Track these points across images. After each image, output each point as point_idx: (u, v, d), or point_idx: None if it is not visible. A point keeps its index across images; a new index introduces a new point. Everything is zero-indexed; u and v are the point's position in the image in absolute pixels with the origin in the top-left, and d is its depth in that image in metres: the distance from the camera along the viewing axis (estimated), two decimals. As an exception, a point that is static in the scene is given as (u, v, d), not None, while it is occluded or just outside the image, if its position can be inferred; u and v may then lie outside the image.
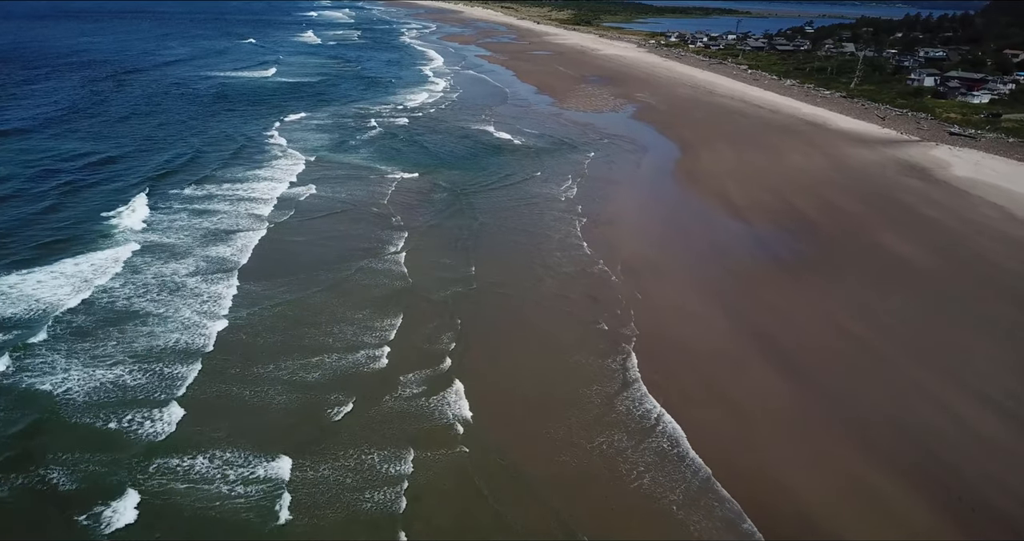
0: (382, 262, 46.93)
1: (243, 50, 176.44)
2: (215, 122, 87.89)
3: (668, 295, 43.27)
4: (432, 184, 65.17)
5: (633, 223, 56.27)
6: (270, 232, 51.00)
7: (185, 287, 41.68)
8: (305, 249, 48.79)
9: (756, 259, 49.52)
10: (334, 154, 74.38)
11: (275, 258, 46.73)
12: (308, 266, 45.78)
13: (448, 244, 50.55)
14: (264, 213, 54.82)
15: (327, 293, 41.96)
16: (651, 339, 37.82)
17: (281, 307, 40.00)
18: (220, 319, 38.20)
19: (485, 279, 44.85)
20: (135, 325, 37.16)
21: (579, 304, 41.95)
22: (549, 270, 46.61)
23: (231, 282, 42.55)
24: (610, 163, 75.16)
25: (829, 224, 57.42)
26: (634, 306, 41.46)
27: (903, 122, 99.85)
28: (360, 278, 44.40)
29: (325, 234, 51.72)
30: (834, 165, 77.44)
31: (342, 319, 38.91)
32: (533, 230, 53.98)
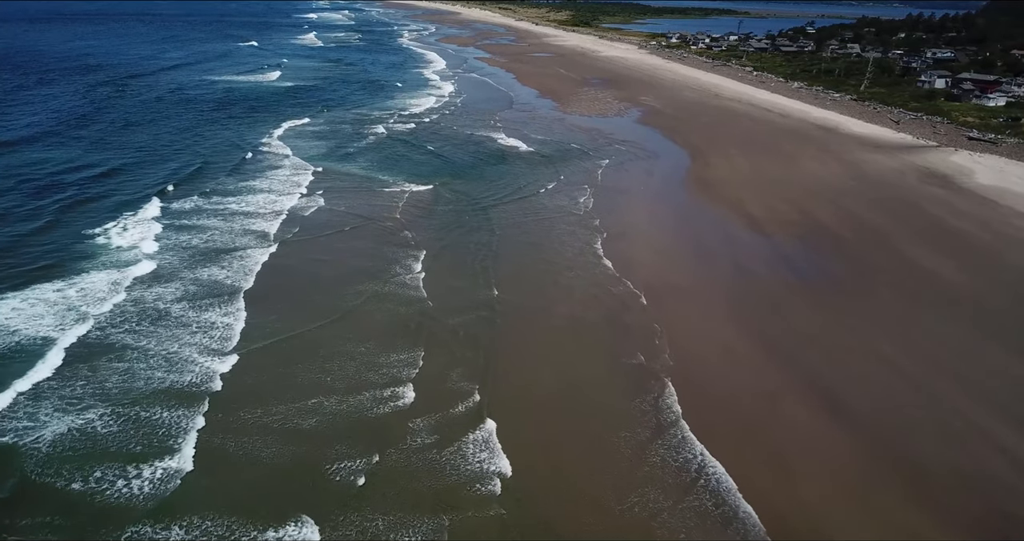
0: (397, 286, 43.77)
1: (245, 53, 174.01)
2: (217, 130, 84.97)
3: (699, 323, 40.28)
4: (443, 196, 62.20)
5: (652, 238, 53.38)
6: (275, 253, 47.91)
7: (182, 319, 38.49)
8: (313, 271, 45.65)
9: (783, 279, 46.68)
10: (340, 164, 71.35)
11: (281, 283, 43.60)
12: (317, 292, 42.68)
13: (465, 265, 47.48)
14: (269, 230, 51.76)
15: (340, 324, 38.81)
16: (687, 375, 34.87)
17: (290, 342, 36.86)
18: (223, 358, 34.95)
19: (508, 304, 41.85)
20: (126, 365, 33.93)
21: (610, 333, 38.99)
22: (574, 293, 43.61)
23: (234, 312, 39.36)
24: (622, 172, 72.33)
25: (854, 238, 54.60)
26: (665, 334, 38.56)
27: (918, 126, 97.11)
28: (374, 306, 41.17)
29: (334, 254, 48.68)
30: (851, 172, 74.68)
31: (358, 355, 35.67)
32: (553, 247, 51.01)
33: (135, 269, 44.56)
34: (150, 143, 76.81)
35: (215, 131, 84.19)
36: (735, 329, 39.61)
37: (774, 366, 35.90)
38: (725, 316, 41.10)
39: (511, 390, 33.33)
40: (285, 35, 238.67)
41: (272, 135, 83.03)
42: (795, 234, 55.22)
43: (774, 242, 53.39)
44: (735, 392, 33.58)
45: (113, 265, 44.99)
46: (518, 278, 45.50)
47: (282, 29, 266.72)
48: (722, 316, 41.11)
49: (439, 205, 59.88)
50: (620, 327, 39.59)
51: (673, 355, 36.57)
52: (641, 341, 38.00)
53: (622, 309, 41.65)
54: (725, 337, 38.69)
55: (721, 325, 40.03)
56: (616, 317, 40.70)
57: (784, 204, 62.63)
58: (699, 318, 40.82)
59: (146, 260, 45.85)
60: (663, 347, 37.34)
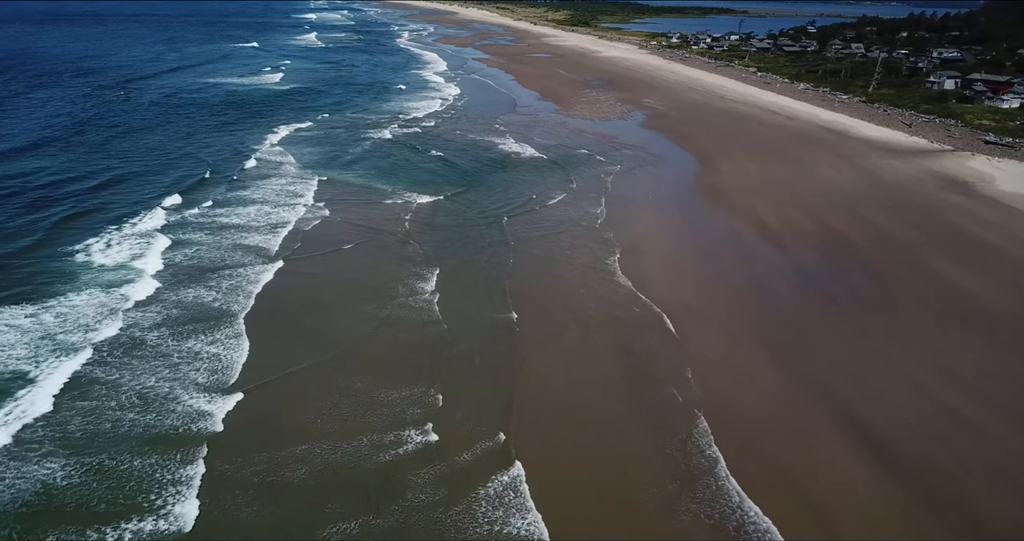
0: (409, 310, 40.69)
1: (245, 55, 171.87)
2: (217, 136, 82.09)
3: (724, 350, 37.37)
4: (452, 208, 59.32)
5: (666, 253, 50.54)
6: (276, 273, 44.94)
7: (175, 351, 35.45)
8: (318, 294, 42.50)
9: (805, 296, 43.92)
10: (343, 173, 68.44)
11: (283, 308, 40.53)
12: (324, 318, 39.62)
13: (480, 285, 44.50)
14: (269, 247, 48.80)
15: (349, 356, 35.83)
16: (719, 410, 32.16)
17: (296, 376, 33.88)
18: (223, 397, 31.89)
19: (528, 328, 38.93)
20: (105, 407, 30.95)
21: (637, 361, 36.25)
22: (596, 316, 40.77)
23: (232, 343, 36.38)
24: (631, 179, 69.46)
25: (877, 252, 51.88)
26: (692, 363, 35.83)
27: (932, 129, 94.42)
28: (386, 334, 38.02)
29: (340, 273, 45.74)
30: (867, 179, 71.97)
31: (370, 393, 32.61)
32: (570, 264, 48.06)
33: (122, 291, 41.65)
34: (146, 151, 73.80)
35: (215, 138, 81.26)
36: (761, 355, 36.86)
37: (806, 399, 33.14)
38: (749, 340, 38.34)
39: (537, 430, 30.46)
40: (285, 36, 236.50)
41: (273, 142, 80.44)
42: (813, 246, 52.49)
43: (792, 255, 50.65)
44: (769, 430, 30.82)
45: (98, 287, 42.03)
46: (537, 299, 42.56)
47: (282, 30, 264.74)
48: (746, 340, 38.36)
49: (448, 217, 56.95)
50: (647, 354, 36.83)
51: (701, 385, 33.91)
52: (669, 370, 35.33)
53: (646, 333, 38.88)
54: (752, 365, 35.93)
55: (746, 351, 37.27)
56: (641, 343, 37.92)
57: (799, 213, 59.92)
58: (724, 344, 38.01)
59: (135, 281, 42.95)
60: (692, 377, 34.64)
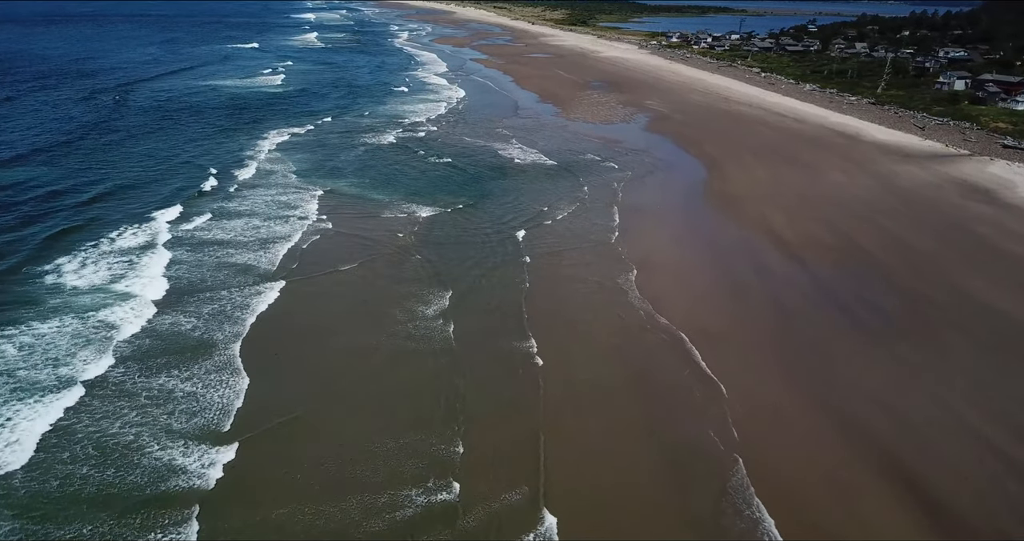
0: (420, 341, 36.93)
1: (245, 56, 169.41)
2: (213, 143, 78.67)
3: (757, 385, 33.92)
4: (460, 222, 55.72)
5: (683, 272, 47.08)
6: (273, 298, 41.34)
7: (159, 392, 31.78)
8: (319, 322, 38.88)
9: (833, 321, 40.62)
10: (343, 183, 64.91)
11: (281, 340, 36.93)
12: (327, 351, 35.88)
13: (497, 311, 40.89)
14: (265, 268, 45.27)
15: (356, 396, 32.24)
16: (756, 456, 28.90)
17: (298, 422, 30.19)
18: (215, 449, 28.19)
19: (552, 363, 35.28)
20: (86, 461, 27.35)
21: (670, 397, 32.95)
22: (621, 345, 37.46)
23: (226, 380, 32.79)
24: (641, 189, 65.89)
25: (902, 267, 48.68)
26: (726, 402, 32.45)
27: (946, 132, 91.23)
28: (396, 369, 34.42)
29: (343, 298, 42.12)
30: (884, 186, 68.79)
31: (380, 439, 28.98)
32: (589, 286, 44.54)
33: (100, 317, 38.20)
34: (137, 161, 70.12)
35: (210, 145, 77.77)
36: (793, 390, 33.55)
37: (848, 443, 29.80)
38: (778, 372, 35.04)
39: (569, 480, 27.21)
40: (285, 36, 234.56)
41: (271, 148, 77.42)
42: (833, 260, 49.25)
43: (812, 271, 47.41)
44: (812, 482, 27.46)
45: (71, 313, 38.58)
46: (557, 326, 39.04)
47: (282, 30, 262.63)
48: (775, 372, 35.05)
49: (456, 232, 53.44)
50: (677, 389, 33.58)
51: (736, 425, 30.64)
52: (702, 408, 32.12)
53: (674, 365, 35.64)
54: (784, 401, 32.61)
55: (777, 385, 33.95)
56: (670, 376, 34.65)
57: (815, 224, 56.72)
58: (752, 377, 34.59)
59: (112, 307, 39.46)
60: (726, 417, 31.40)
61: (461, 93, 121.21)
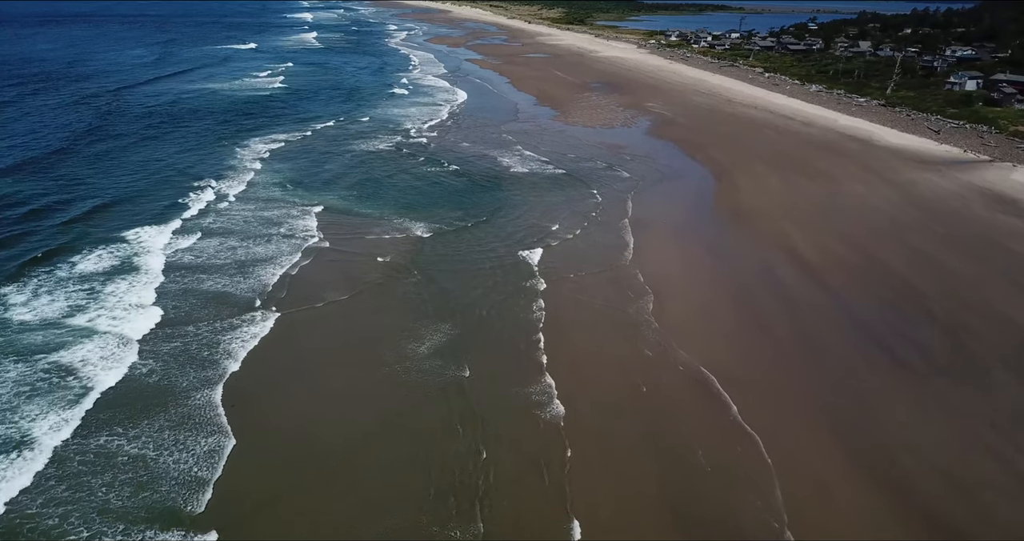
0: (427, 398, 32.55)
1: (243, 57, 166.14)
2: (203, 153, 74.48)
3: (797, 445, 29.87)
4: (465, 242, 51.42)
5: (701, 300, 42.98)
6: (257, 336, 37.13)
7: (120, 457, 27.77)
8: (310, 370, 34.53)
9: (870, 360, 36.56)
10: (340, 198, 60.69)
11: (267, 394, 32.59)
12: (317, 409, 31.56)
13: (512, 356, 36.26)
14: (249, 298, 41.08)
15: (355, 473, 27.81)
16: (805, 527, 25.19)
17: (287, 504, 25.87)
18: (189, 537, 24.26)
19: (580, 425, 30.82)
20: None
21: (710, 462, 28.79)
22: (651, 391, 33.43)
23: (204, 443, 28.64)
24: (649, 202, 61.85)
25: (936, 291, 44.73)
26: (775, 470, 28.28)
27: (963, 136, 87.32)
28: (401, 441, 29.91)
29: (335, 337, 37.90)
30: (905, 197, 64.84)
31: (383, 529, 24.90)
32: (608, 317, 40.62)
33: (53, 359, 34.07)
34: (119, 174, 65.81)
35: (200, 154, 73.64)
36: (837, 451, 29.50)
37: (901, 516, 25.86)
38: (818, 425, 31.07)
39: None
40: (283, 36, 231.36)
41: (264, 157, 73.84)
42: (863, 286, 45.26)
43: (842, 299, 43.38)
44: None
45: (16, 354, 34.43)
46: (581, 375, 34.61)
47: (280, 30, 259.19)
48: (815, 425, 31.07)
49: (461, 254, 49.23)
50: (718, 450, 29.49)
51: (787, 501, 26.64)
52: (743, 468, 28.36)
53: (707, 415, 31.73)
54: (830, 468, 28.53)
55: (820, 444, 29.91)
56: (706, 431, 30.63)
57: (838, 242, 52.76)
58: (792, 432, 30.54)
59: (71, 345, 35.44)
60: (770, 480, 27.60)
61: (456, 96, 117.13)
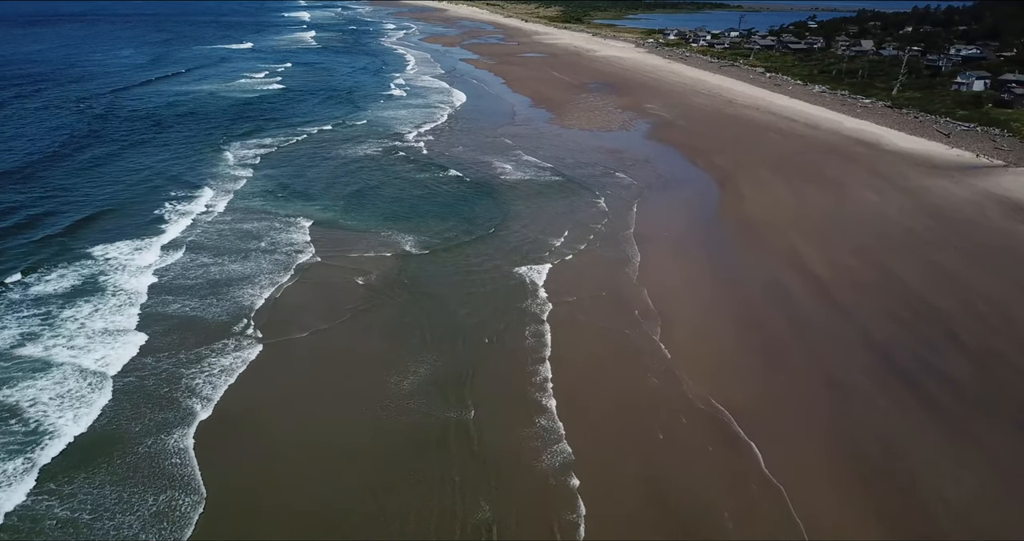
0: (428, 442, 29.01)
1: (237, 58, 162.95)
2: (188, 163, 69.85)
3: (828, 503, 26.29)
4: (461, 262, 47.31)
5: (711, 327, 39.15)
6: (232, 374, 33.32)
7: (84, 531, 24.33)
8: (286, 425, 30.12)
9: (896, 398, 32.89)
10: (322, 209, 56.79)
11: (238, 452, 28.52)
12: (296, 476, 27.20)
13: (520, 395, 32.39)
14: (224, 327, 37.25)
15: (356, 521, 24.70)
16: None
17: None
18: None
19: (596, 476, 27.32)
20: None
21: (734, 522, 25.37)
22: (670, 437, 29.79)
23: (172, 504, 25.03)
24: (652, 214, 57.99)
25: (963, 315, 41.14)
26: (807, 530, 24.86)
27: (974, 140, 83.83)
28: (400, 476, 26.99)
29: (316, 378, 33.51)
30: (919, 206, 61.36)
31: None
32: (619, 348, 36.87)
33: None
34: (96, 185, 61.68)
35: (182, 165, 68.84)
36: (867, 505, 25.99)
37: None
38: (843, 472, 27.48)
39: None
40: (281, 35, 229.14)
41: (254, 163, 70.26)
42: (884, 310, 41.65)
43: (861, 326, 39.72)
44: None
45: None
46: (591, 419, 30.85)
47: (277, 29, 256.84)
48: (839, 472, 27.49)
49: (459, 273, 45.48)
50: (742, 509, 25.92)
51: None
52: (770, 525, 25.08)
53: (734, 467, 28.06)
54: (863, 525, 25.06)
55: (849, 499, 26.31)
56: (729, 486, 26.99)
57: (854, 259, 49.22)
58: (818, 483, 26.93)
59: (21, 381, 31.76)
60: None
61: (451, 97, 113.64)
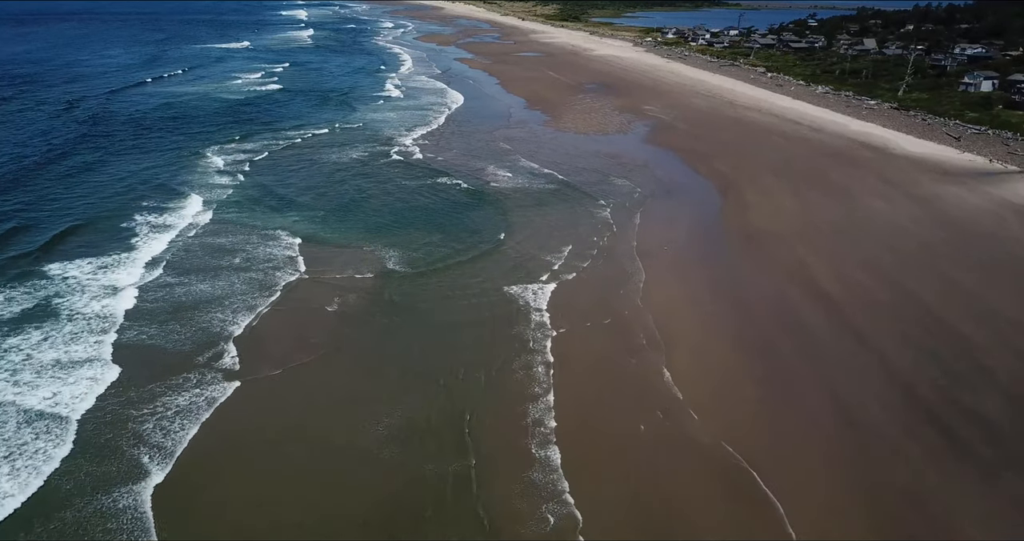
0: (424, 504, 25.45)
1: (233, 58, 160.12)
2: (179, 167, 66.94)
3: None
4: (456, 284, 43.48)
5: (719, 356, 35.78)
6: (199, 417, 29.64)
7: None
8: (268, 465, 27.22)
9: (916, 437, 29.42)
10: (303, 221, 53.36)
11: (209, 499, 25.50)
12: (286, 519, 24.42)
13: (520, 446, 28.65)
14: (195, 362, 33.80)
15: None
16: None
17: None
18: None
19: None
20: None
21: None
22: (684, 498, 26.23)
23: None
24: (655, 226, 54.43)
25: (989, 340, 37.74)
26: None
27: (986, 144, 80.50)
28: None
29: (295, 424, 29.78)
30: (931, 215, 58.07)
31: None
32: (625, 385, 33.28)
33: None
34: (75, 195, 58.07)
35: (166, 173, 65.33)
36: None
37: None
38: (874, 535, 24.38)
39: None
40: (275, 34, 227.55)
41: (244, 169, 67.26)
42: (903, 336, 38.24)
43: (880, 354, 36.30)
44: None
45: None
46: (602, 478, 27.13)
47: (274, 29, 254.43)
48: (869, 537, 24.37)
49: (454, 295, 41.77)
50: None
51: None
52: None
53: (755, 531, 24.75)
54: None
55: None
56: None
57: (868, 276, 45.89)
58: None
59: None
60: None
61: (445, 98, 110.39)
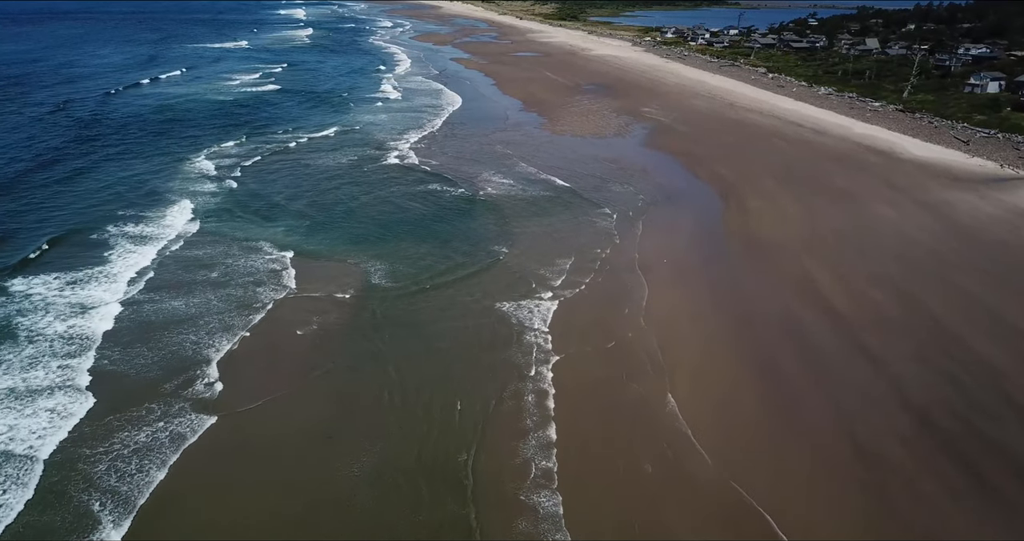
0: None
1: (235, 57, 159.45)
2: (168, 174, 64.43)
3: None
4: (455, 303, 40.91)
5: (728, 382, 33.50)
6: (167, 465, 27.12)
7: None
8: (245, 515, 24.88)
9: (940, 476, 27.21)
10: (286, 232, 51.01)
11: None
12: None
13: (523, 502, 25.81)
14: (177, 394, 31.43)
15: None
16: None
17: None
18: None
19: None
20: None
21: None
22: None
23: None
24: (655, 235, 52.12)
25: (1010, 363, 35.41)
26: None
27: (996, 148, 78.14)
28: None
29: (284, 460, 27.70)
30: (942, 224, 55.74)
31: None
32: (631, 428, 30.31)
33: None
34: (55, 206, 55.80)
35: (159, 177, 63.26)
36: None
37: None
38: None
39: None
40: (273, 33, 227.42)
41: (235, 174, 65.41)
42: (917, 356, 35.93)
43: (893, 378, 33.96)
44: None
45: None
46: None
47: (272, 28, 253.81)
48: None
49: (448, 316, 39.24)
50: None
51: None
52: None
53: None
54: None
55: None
56: None
57: (877, 289, 43.56)
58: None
59: None
60: None
61: (440, 100, 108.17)
